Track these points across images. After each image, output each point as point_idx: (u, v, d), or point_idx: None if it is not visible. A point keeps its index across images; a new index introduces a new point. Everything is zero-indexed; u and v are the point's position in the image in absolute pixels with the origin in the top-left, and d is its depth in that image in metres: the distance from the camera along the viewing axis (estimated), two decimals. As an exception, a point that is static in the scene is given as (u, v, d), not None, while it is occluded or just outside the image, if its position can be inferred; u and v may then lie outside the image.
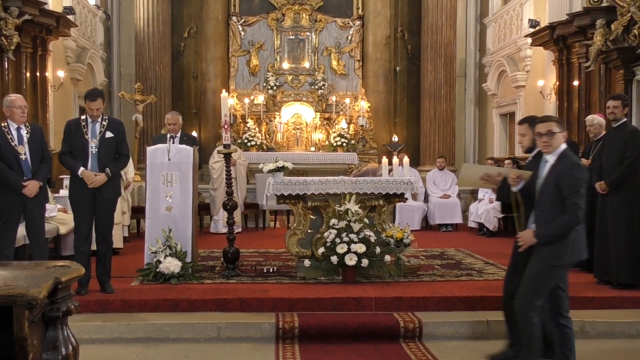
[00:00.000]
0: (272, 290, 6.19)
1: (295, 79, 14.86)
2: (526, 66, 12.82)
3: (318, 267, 6.65)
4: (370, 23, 14.98)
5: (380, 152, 13.69)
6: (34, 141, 5.96)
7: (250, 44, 14.88)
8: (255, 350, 5.18)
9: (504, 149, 14.27)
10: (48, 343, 2.54)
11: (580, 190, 4.21)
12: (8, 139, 5.81)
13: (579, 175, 4.22)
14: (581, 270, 7.23)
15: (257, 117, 14.38)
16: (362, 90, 14.80)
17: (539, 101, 11.92)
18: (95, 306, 5.73)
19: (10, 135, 5.83)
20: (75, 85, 12.49)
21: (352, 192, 6.76)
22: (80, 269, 2.81)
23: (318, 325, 5.48)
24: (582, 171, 4.28)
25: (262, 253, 8.68)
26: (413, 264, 6.98)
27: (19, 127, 5.89)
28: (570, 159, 4.32)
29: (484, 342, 5.44)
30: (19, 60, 9.52)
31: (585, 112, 9.60)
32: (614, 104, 6.53)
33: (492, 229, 10.78)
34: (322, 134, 14.45)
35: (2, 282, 2.46)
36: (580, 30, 9.79)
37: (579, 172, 4.25)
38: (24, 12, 9.18)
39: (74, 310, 2.64)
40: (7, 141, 5.80)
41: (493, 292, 6.16)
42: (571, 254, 4.30)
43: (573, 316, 5.73)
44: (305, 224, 6.93)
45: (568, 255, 4.29)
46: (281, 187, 6.75)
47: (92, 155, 6.04)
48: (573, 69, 10.41)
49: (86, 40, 13.14)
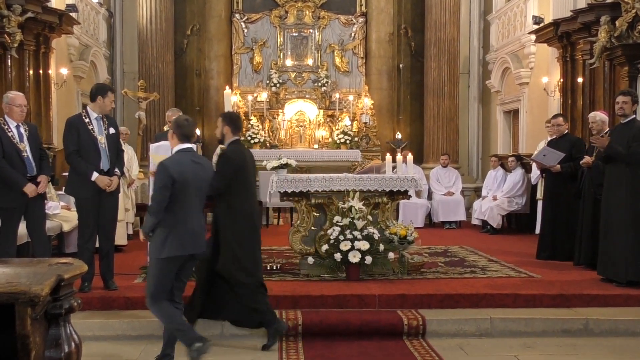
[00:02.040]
0: (275, 287, 6.18)
1: (298, 76, 14.83)
2: (530, 63, 12.77)
3: (321, 264, 6.65)
4: (373, 20, 14.93)
5: (383, 150, 13.65)
6: (32, 139, 5.95)
7: (253, 41, 14.85)
8: (258, 347, 5.17)
9: (508, 146, 14.23)
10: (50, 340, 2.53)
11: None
12: (9, 136, 5.80)
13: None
14: (585, 267, 7.22)
15: (260, 115, 14.35)
16: (365, 88, 14.76)
17: (543, 98, 11.88)
18: (99, 303, 5.74)
19: (10, 132, 5.81)
20: (78, 82, 12.49)
21: (355, 189, 6.75)
22: (82, 266, 2.80)
23: (321, 322, 5.48)
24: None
25: (265, 250, 8.64)
26: (417, 261, 6.96)
27: (17, 124, 5.88)
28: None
29: (488, 340, 5.43)
30: (22, 58, 9.52)
31: (589, 109, 9.55)
32: (624, 99, 6.49)
33: (495, 227, 10.75)
34: (326, 131, 14.43)
35: (4, 279, 2.45)
36: (584, 27, 9.74)
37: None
38: (26, 9, 9.17)
39: (76, 307, 2.63)
40: (8, 138, 5.78)
41: (497, 289, 6.16)
42: (169, 248, 4.47)
43: (577, 313, 5.76)
44: (309, 222, 6.92)
45: (166, 249, 4.47)
46: (284, 185, 6.74)
47: (103, 152, 6.04)
48: (577, 65, 10.37)
49: (89, 37, 13.13)
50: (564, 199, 7.92)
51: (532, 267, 7.33)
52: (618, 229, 6.40)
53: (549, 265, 7.56)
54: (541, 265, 7.56)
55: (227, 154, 5.37)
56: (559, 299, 5.99)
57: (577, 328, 5.59)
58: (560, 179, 7.96)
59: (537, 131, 11.85)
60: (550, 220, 8.08)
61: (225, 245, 5.24)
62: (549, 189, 8.23)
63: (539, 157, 8.26)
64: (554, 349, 5.23)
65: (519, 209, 10.88)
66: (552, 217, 8.06)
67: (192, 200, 4.58)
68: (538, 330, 5.56)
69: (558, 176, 7.95)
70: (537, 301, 5.96)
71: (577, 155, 7.70)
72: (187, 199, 4.54)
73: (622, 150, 6.34)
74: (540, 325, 5.59)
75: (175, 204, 4.48)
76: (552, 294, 6.04)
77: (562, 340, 5.43)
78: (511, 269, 7.26)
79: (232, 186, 5.27)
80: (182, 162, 4.57)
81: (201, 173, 4.68)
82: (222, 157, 5.39)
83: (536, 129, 12.02)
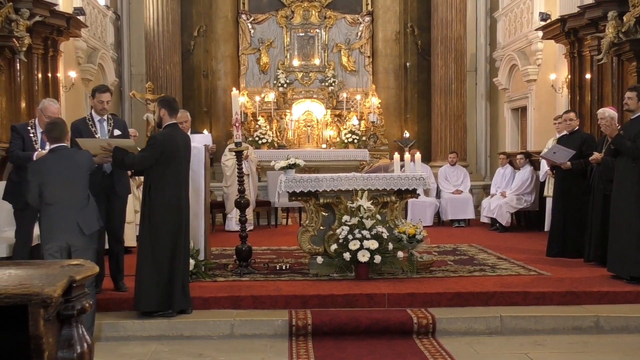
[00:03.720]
0: (284, 287, 6.19)
1: (305, 76, 14.85)
2: (537, 60, 12.72)
3: (330, 263, 6.65)
4: (379, 19, 14.93)
5: (391, 149, 13.66)
6: None
7: (260, 41, 14.88)
8: (268, 347, 5.19)
9: (516, 143, 14.19)
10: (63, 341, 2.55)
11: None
12: (31, 138, 5.88)
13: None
14: (596, 264, 7.19)
15: (267, 115, 14.38)
16: (372, 87, 14.76)
17: (551, 95, 11.84)
18: (109, 304, 5.77)
19: (35, 137, 5.90)
20: (86, 85, 12.55)
21: (364, 188, 6.75)
22: (94, 267, 2.82)
23: (331, 321, 5.48)
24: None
25: (274, 250, 8.69)
26: (426, 259, 6.96)
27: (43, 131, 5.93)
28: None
29: (498, 338, 5.42)
30: (31, 62, 9.57)
31: (597, 105, 9.52)
32: (629, 95, 6.49)
33: (504, 224, 10.72)
34: (333, 130, 14.44)
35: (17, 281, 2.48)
36: (591, 23, 9.70)
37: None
38: (34, 13, 9.22)
39: (88, 308, 2.65)
40: (30, 141, 5.88)
41: (506, 287, 6.15)
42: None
43: (587, 311, 5.73)
44: (318, 221, 6.93)
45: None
46: (293, 184, 6.76)
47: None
48: (585, 61, 10.32)
49: (97, 40, 13.19)
50: (574, 196, 7.88)
51: (542, 265, 7.31)
52: (625, 224, 6.38)
53: (558, 262, 7.53)
54: (551, 262, 7.53)
55: (156, 137, 5.53)
56: (569, 297, 5.97)
57: (587, 325, 5.57)
58: (570, 176, 7.92)
59: (545, 128, 11.82)
60: (560, 217, 8.05)
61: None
62: (558, 186, 8.20)
63: (549, 154, 8.24)
64: (565, 346, 5.22)
65: (528, 206, 10.85)
66: (562, 214, 8.03)
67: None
68: (548, 328, 5.55)
69: (568, 173, 7.92)
70: (547, 299, 5.94)
71: (588, 152, 7.68)
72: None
73: (628, 143, 6.33)
74: (551, 322, 5.57)
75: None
76: (562, 292, 6.02)
77: (572, 338, 5.41)
78: (521, 267, 7.24)
79: (158, 171, 5.37)
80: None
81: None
82: (151, 139, 5.56)
83: (544, 126, 11.98)
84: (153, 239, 5.45)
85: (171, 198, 5.48)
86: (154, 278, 5.42)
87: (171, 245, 5.47)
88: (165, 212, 5.46)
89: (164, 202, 5.46)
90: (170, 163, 5.47)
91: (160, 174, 5.44)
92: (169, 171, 5.46)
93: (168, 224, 5.47)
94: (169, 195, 5.48)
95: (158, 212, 5.45)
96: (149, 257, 5.44)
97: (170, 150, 5.46)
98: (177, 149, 5.53)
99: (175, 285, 5.46)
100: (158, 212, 5.45)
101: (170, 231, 5.47)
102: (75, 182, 4.98)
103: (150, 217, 5.47)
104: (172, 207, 5.49)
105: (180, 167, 5.59)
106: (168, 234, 5.46)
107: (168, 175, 5.46)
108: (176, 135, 5.62)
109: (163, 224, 5.45)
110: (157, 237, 5.44)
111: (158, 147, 5.43)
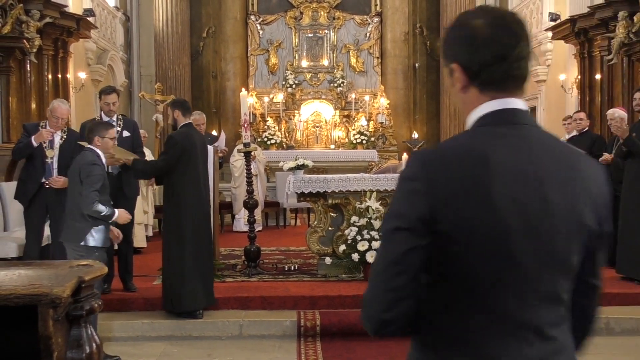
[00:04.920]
0: (293, 288, 6.19)
1: (314, 76, 14.86)
2: (547, 60, 12.67)
3: (339, 264, 6.64)
4: (388, 19, 14.92)
5: (400, 149, 13.64)
6: (66, 146, 5.98)
7: (269, 42, 14.90)
8: (277, 348, 5.19)
9: (526, 144, 14.11)
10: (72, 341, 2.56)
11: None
12: None
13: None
14: (606, 265, 7.13)
15: (276, 116, 14.40)
16: (381, 87, 14.75)
17: (561, 95, 11.79)
18: (118, 305, 5.78)
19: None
20: (96, 86, 12.59)
21: (372, 189, 6.74)
22: (103, 268, 2.83)
23: (340, 322, 5.47)
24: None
25: (283, 251, 8.68)
26: (434, 260, 6.92)
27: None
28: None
29: (507, 339, 5.39)
30: (41, 63, 9.62)
31: (608, 105, 9.46)
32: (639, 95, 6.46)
33: (514, 225, 10.66)
34: (342, 131, 14.43)
35: (26, 281, 2.49)
36: (601, 23, 9.64)
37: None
38: (45, 15, 9.28)
39: (97, 308, 2.66)
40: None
41: (516, 288, 6.11)
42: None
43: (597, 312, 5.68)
44: (326, 222, 6.92)
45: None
46: (301, 185, 6.75)
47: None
48: (595, 62, 10.27)
49: (106, 41, 13.24)
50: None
51: (552, 266, 7.26)
52: (635, 225, 6.33)
53: (568, 263, 7.47)
54: (560, 263, 7.48)
55: (174, 136, 5.48)
56: (579, 298, 5.92)
57: (598, 327, 5.50)
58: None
59: (554, 129, 11.75)
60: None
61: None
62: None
63: None
64: (575, 348, 5.18)
65: (538, 207, 10.78)
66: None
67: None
68: (558, 329, 5.51)
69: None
70: (556, 300, 5.90)
71: (598, 153, 7.63)
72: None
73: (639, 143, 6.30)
74: (560, 324, 5.53)
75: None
76: (571, 293, 5.97)
77: (582, 340, 5.37)
78: (530, 268, 7.19)
79: (177, 170, 5.35)
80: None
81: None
82: (169, 139, 5.50)
83: (554, 127, 11.91)
84: (182, 240, 5.41)
85: (193, 196, 5.47)
86: (198, 277, 5.42)
87: (197, 243, 5.48)
88: (190, 210, 5.43)
89: (188, 200, 5.43)
90: (189, 161, 5.45)
91: (181, 172, 5.42)
92: (189, 169, 5.44)
93: (194, 222, 5.45)
94: (190, 192, 5.46)
95: (183, 212, 5.41)
96: (188, 256, 5.39)
97: (189, 149, 5.45)
98: (195, 147, 5.53)
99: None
100: (183, 212, 5.41)
101: (196, 230, 5.46)
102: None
103: (176, 217, 5.42)
104: (195, 206, 5.47)
105: (198, 165, 5.58)
106: (194, 233, 5.44)
107: (188, 173, 5.44)
108: (193, 134, 5.63)
109: (191, 223, 5.41)
110: (182, 237, 5.40)
111: (179, 146, 5.40)
